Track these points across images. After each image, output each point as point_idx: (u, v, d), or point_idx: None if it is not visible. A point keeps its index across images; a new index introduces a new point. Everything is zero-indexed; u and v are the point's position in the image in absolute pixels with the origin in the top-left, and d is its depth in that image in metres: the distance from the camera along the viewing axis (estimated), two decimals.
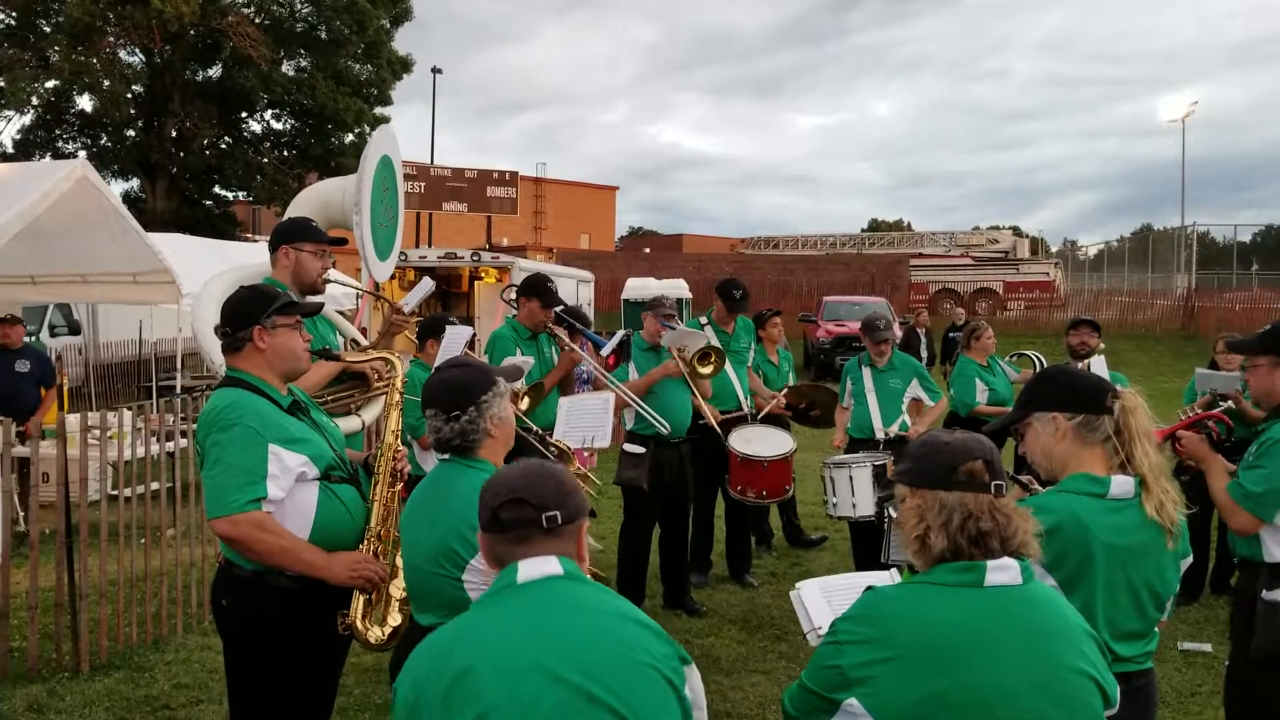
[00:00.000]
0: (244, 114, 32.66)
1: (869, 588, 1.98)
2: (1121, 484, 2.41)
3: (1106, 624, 2.38)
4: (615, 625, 1.84)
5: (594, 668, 1.75)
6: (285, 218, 4.23)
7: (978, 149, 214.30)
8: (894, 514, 3.07)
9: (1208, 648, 5.58)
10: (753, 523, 7.57)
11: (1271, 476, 3.27)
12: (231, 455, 2.77)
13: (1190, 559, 2.56)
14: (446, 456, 2.68)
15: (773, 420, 6.97)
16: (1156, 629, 2.53)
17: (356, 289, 5.32)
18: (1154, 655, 2.54)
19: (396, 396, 3.29)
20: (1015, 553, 1.89)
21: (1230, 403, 5.43)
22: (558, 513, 1.92)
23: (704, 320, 6.96)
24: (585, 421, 4.46)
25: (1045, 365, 7.93)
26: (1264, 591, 3.35)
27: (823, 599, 2.50)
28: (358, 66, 32.22)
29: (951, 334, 13.55)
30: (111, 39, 28.69)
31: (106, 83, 28.15)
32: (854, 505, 5.89)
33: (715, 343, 6.31)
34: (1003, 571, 1.86)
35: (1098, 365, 6.71)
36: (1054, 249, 49.18)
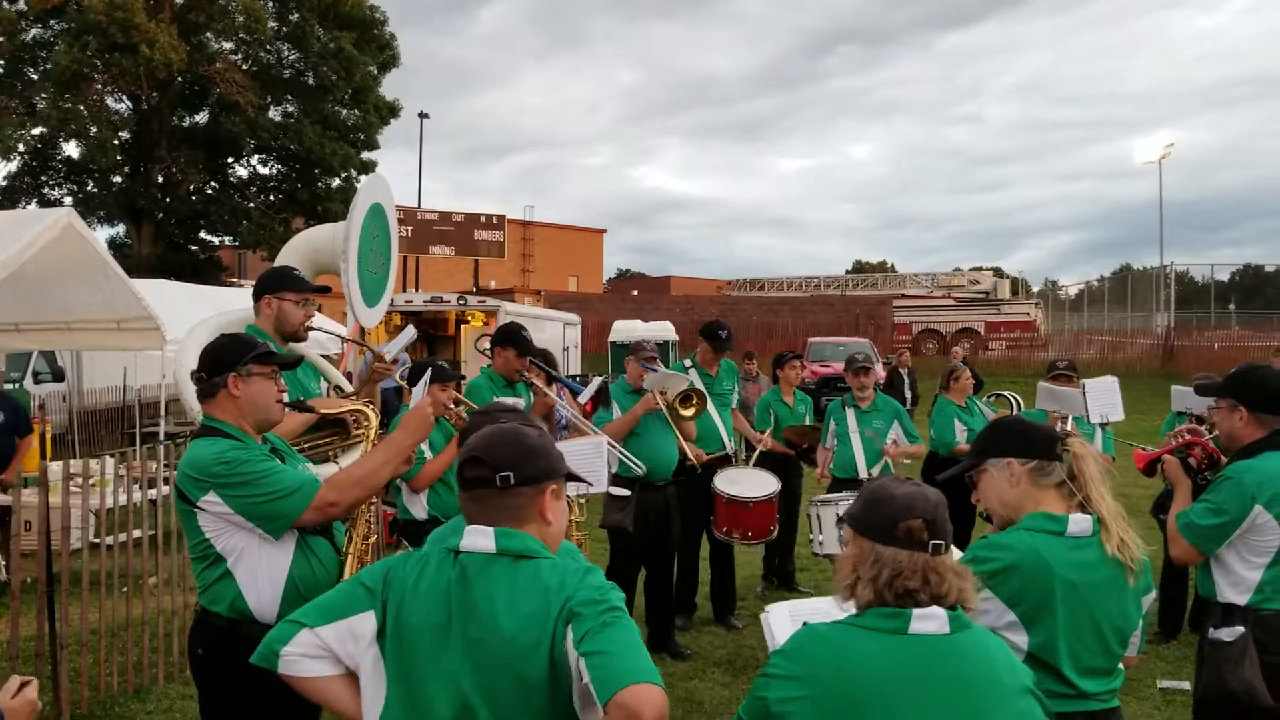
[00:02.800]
0: (230, 159, 32.82)
1: (805, 624, 2.02)
2: (1079, 522, 2.48)
3: (1070, 660, 2.43)
4: (502, 618, 1.92)
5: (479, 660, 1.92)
6: (274, 264, 4.27)
7: (956, 191, 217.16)
8: None
9: (1186, 685, 5.60)
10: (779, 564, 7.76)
11: (1217, 512, 3.31)
12: (263, 466, 2.81)
13: (1154, 594, 2.61)
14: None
15: (762, 461, 7.05)
16: (1122, 666, 2.58)
17: (339, 336, 5.35)
18: (1133, 693, 2.59)
19: (371, 447, 3.28)
20: (950, 605, 1.91)
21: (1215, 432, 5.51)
22: (511, 473, 2.00)
23: (688, 363, 7.03)
24: (579, 467, 4.48)
25: (1022, 406, 8.04)
26: (1210, 630, 3.38)
27: (790, 623, 2.53)
28: (345, 112, 32.45)
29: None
30: (99, 86, 28.87)
31: (94, 129, 28.28)
32: (841, 542, 5.92)
33: (698, 385, 6.37)
34: (928, 621, 1.88)
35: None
36: (1035, 289, 49.63)
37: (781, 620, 2.55)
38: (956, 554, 2.45)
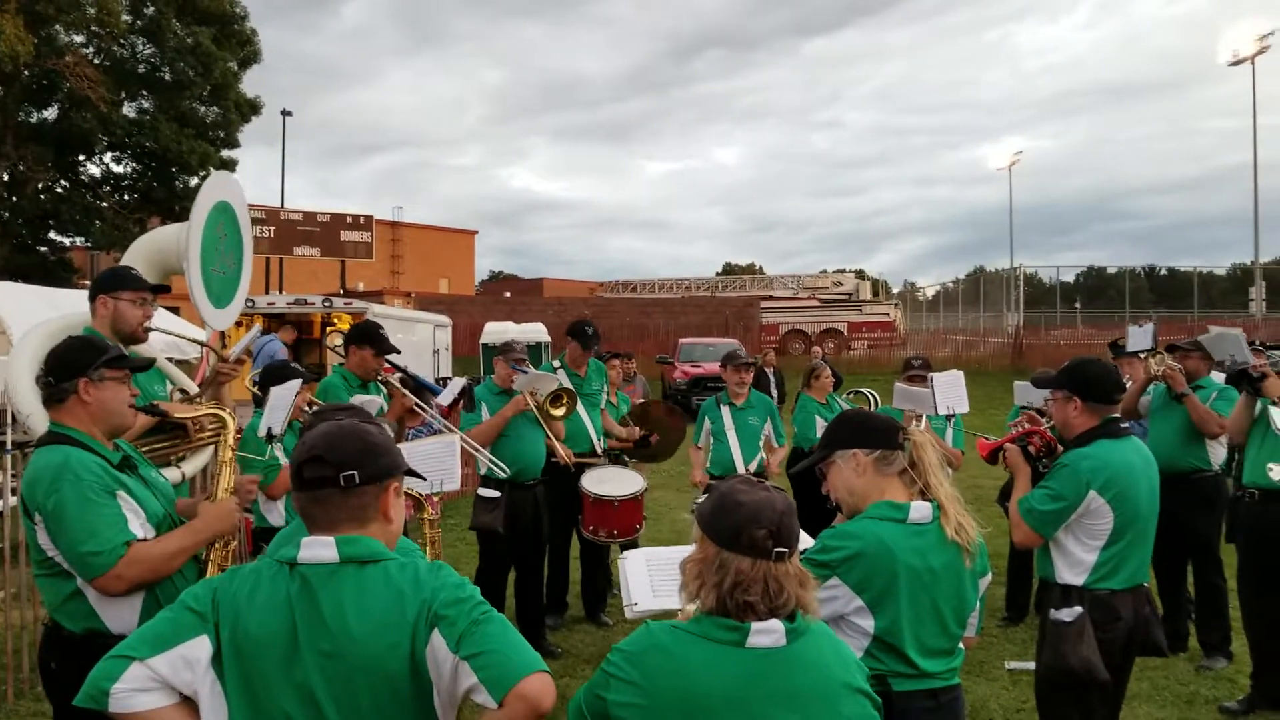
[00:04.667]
0: (82, 157, 31.15)
1: (646, 622, 2.04)
2: (920, 509, 2.60)
3: (913, 641, 2.56)
4: (354, 626, 1.90)
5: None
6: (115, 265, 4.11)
7: (818, 195, 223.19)
8: None
9: (1032, 665, 5.89)
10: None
11: (1055, 497, 3.52)
12: (81, 512, 2.67)
13: (989, 576, 2.77)
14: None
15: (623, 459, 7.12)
16: (962, 646, 2.72)
17: (186, 339, 5.17)
18: (983, 675, 2.73)
19: (229, 454, 3.20)
20: (789, 615, 1.97)
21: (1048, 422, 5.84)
22: (355, 472, 1.96)
23: (557, 364, 7.05)
24: (431, 466, 4.43)
25: (879, 402, 8.34)
26: (1051, 611, 3.59)
27: (645, 573, 2.55)
28: (203, 109, 31.24)
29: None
30: None
31: None
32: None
33: (568, 385, 6.40)
34: (766, 635, 1.93)
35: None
36: (895, 290, 51.49)
37: (638, 568, 2.58)
38: (809, 540, 2.55)
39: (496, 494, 6.00)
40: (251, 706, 1.90)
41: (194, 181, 30.73)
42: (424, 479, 2.79)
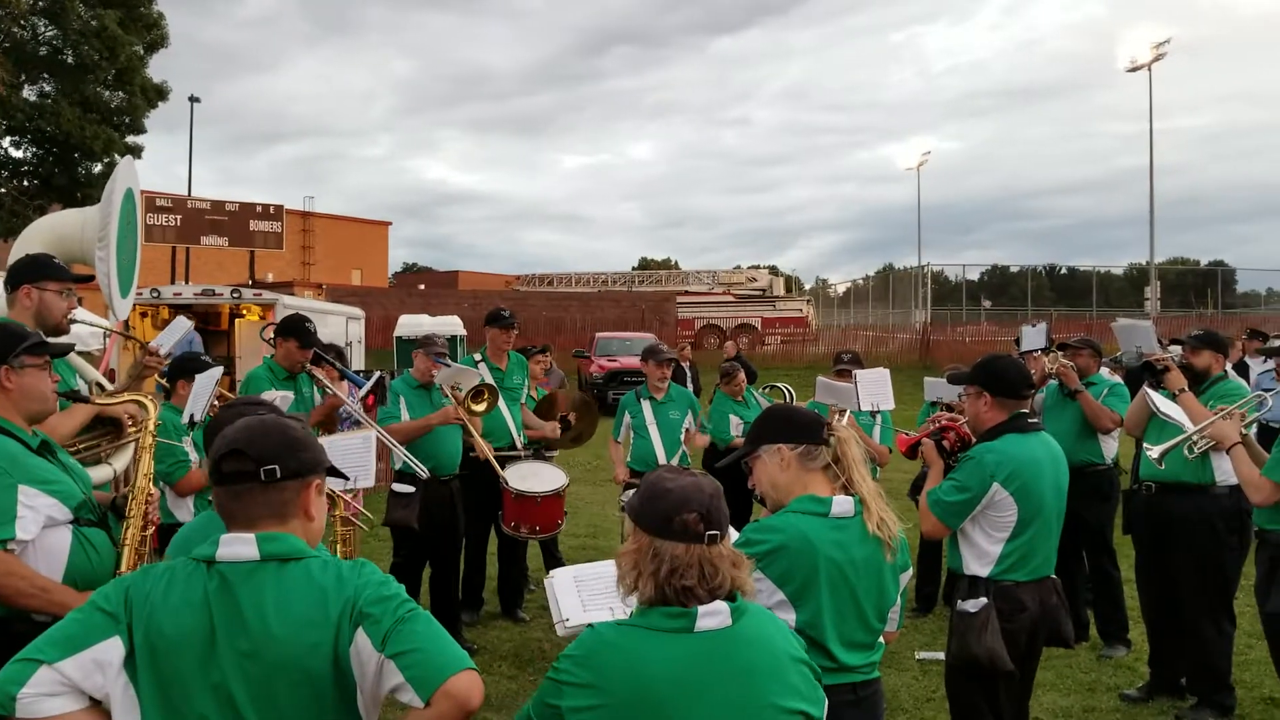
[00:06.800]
0: None
1: (590, 625, 2.07)
2: (842, 503, 2.66)
3: (835, 635, 2.61)
4: (274, 625, 1.86)
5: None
6: (20, 254, 3.97)
7: (730, 191, 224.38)
8: None
9: (941, 656, 6.07)
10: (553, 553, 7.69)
11: (961, 489, 3.62)
12: None
13: (910, 571, 2.84)
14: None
15: (543, 453, 7.09)
16: (883, 640, 2.79)
17: (106, 329, 5.02)
18: (894, 665, 2.79)
19: (149, 439, 3.19)
20: (727, 595, 2.00)
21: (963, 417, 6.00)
22: (277, 467, 1.92)
23: (477, 357, 6.98)
24: (348, 462, 4.37)
25: (794, 396, 8.47)
26: (958, 602, 3.70)
27: (573, 588, 2.56)
28: (108, 93, 30.14)
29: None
30: None
31: None
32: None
33: (489, 380, 6.35)
34: (712, 617, 1.97)
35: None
36: (807, 287, 52.28)
37: (566, 586, 2.58)
38: (734, 535, 2.58)
39: (411, 489, 5.93)
40: (166, 709, 1.85)
41: (97, 168, 29.68)
42: (347, 478, 2.76)
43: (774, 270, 51.51)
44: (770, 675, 1.99)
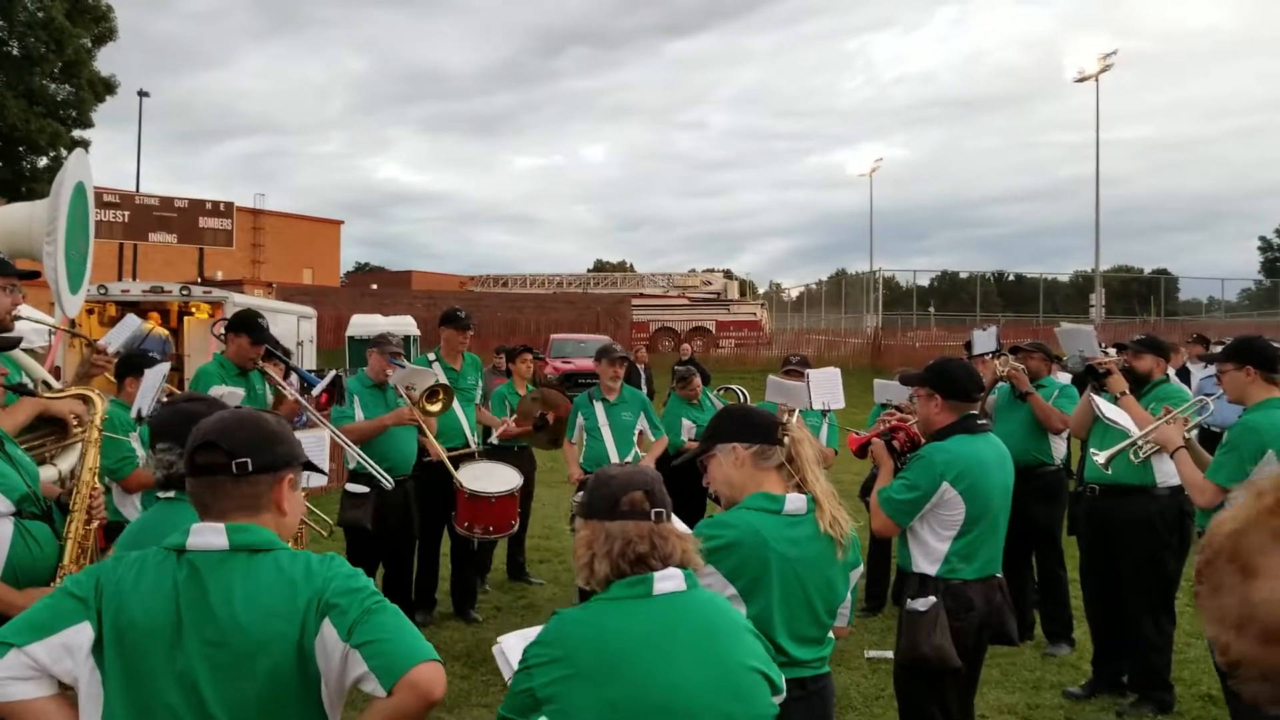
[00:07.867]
0: None
1: (556, 611, 2.13)
2: (795, 501, 2.71)
3: (785, 629, 2.66)
4: (242, 615, 1.87)
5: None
6: None
7: (684, 195, 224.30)
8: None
9: (890, 654, 6.15)
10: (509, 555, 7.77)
11: (911, 487, 3.69)
12: None
13: (861, 568, 2.89)
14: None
15: (500, 455, 7.07)
16: (832, 636, 2.83)
17: (52, 326, 4.93)
18: (843, 664, 2.84)
19: (95, 434, 3.17)
20: (679, 565, 2.11)
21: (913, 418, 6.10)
22: (249, 460, 1.94)
23: (431, 357, 6.96)
24: None
25: (748, 398, 8.53)
26: (908, 601, 3.77)
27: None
28: (55, 86, 29.52)
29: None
30: None
31: None
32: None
33: (443, 380, 6.33)
34: (668, 580, 2.08)
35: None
36: (761, 291, 52.64)
37: (515, 650, 2.60)
38: (682, 528, 2.62)
39: (365, 490, 5.90)
40: (131, 696, 1.86)
41: (43, 162, 29.07)
42: (324, 473, 2.76)
43: (728, 274, 51.82)
44: (731, 637, 2.11)
